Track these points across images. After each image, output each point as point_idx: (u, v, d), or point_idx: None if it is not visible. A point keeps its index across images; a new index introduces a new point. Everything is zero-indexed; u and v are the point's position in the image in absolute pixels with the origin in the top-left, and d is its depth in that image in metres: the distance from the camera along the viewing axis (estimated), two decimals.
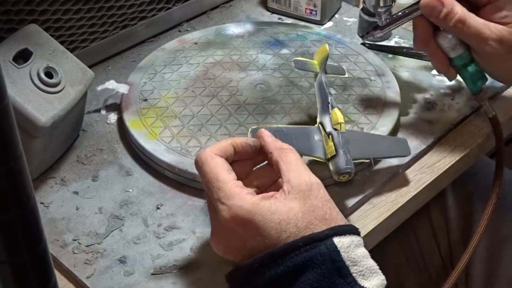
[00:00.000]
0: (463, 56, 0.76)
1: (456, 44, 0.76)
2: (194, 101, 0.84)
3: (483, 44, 0.73)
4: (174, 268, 0.67)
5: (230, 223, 0.59)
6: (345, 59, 0.91)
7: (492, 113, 0.79)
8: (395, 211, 0.74)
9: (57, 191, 0.76)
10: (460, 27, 0.73)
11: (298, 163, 0.62)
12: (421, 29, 0.77)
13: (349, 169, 0.67)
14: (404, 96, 0.85)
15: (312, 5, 1.01)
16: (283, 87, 0.87)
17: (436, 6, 0.73)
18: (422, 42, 0.77)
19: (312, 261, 0.56)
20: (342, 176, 0.68)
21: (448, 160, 0.80)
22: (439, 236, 0.92)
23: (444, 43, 0.76)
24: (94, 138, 0.83)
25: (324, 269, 0.56)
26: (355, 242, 0.58)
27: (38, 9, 0.83)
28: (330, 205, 0.60)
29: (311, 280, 0.56)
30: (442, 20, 0.74)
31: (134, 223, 0.72)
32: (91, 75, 0.79)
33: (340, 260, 0.56)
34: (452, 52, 0.76)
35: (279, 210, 0.58)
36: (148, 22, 0.98)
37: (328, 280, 0.56)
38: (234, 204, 0.58)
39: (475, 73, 0.77)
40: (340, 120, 0.70)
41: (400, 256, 0.94)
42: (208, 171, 0.61)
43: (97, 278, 0.66)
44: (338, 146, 0.68)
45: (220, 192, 0.59)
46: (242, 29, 0.98)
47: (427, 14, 0.75)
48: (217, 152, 0.62)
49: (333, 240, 0.57)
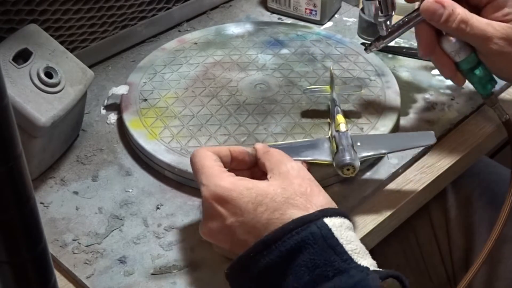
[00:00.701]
0: (469, 59, 0.74)
1: (460, 47, 0.74)
2: (194, 101, 0.84)
3: (489, 43, 0.72)
4: (174, 268, 0.67)
5: (208, 201, 0.61)
6: (345, 59, 0.91)
7: (505, 117, 0.77)
8: (395, 211, 0.74)
9: (57, 191, 0.76)
10: (463, 28, 0.72)
11: (280, 155, 0.65)
12: (424, 36, 0.75)
13: (350, 160, 0.68)
14: (404, 96, 0.85)
15: (312, 5, 1.01)
16: (283, 87, 0.87)
17: (437, 9, 0.72)
18: (427, 50, 0.75)
19: (304, 241, 0.56)
20: (346, 170, 0.68)
21: (448, 160, 0.80)
22: (440, 236, 0.92)
23: (449, 48, 0.74)
24: (94, 138, 0.83)
25: (316, 248, 0.56)
26: (346, 224, 0.59)
27: (38, 9, 0.83)
28: (311, 183, 0.62)
29: (305, 261, 0.56)
30: (444, 22, 0.72)
31: (134, 223, 0.72)
32: (91, 75, 0.79)
33: (332, 237, 0.57)
34: (458, 56, 0.74)
35: (256, 186, 0.61)
36: (148, 22, 0.98)
37: (322, 258, 0.56)
38: (212, 183, 0.61)
39: (483, 76, 0.75)
40: (340, 121, 0.73)
41: (400, 257, 0.94)
42: (197, 161, 0.64)
43: (97, 278, 0.66)
44: (338, 144, 0.70)
45: (202, 175, 0.63)
46: (242, 29, 0.97)
47: (429, 18, 0.73)
48: (210, 149, 0.65)
49: (323, 220, 0.58)
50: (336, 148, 0.70)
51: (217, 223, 0.62)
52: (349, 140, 0.71)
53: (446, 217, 0.91)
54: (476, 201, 0.90)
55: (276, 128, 0.80)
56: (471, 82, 0.77)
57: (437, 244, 0.92)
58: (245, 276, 0.59)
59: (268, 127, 0.80)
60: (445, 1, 0.72)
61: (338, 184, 0.75)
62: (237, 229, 0.61)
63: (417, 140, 0.75)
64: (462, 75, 0.76)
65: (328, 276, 0.55)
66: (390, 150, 0.73)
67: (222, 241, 0.63)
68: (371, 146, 0.72)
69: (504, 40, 0.72)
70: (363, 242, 0.60)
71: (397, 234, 0.89)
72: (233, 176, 0.63)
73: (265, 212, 0.59)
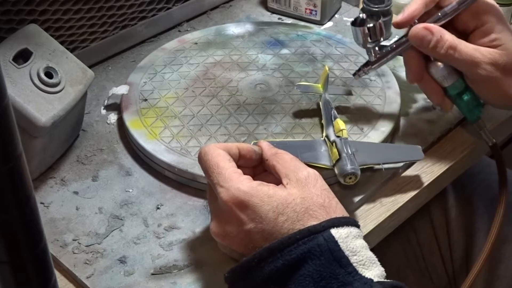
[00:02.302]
0: (456, 84, 0.75)
1: (449, 73, 0.74)
2: (194, 101, 0.84)
3: (477, 69, 0.72)
4: (174, 268, 0.67)
5: (228, 205, 0.61)
6: (345, 59, 0.91)
7: (492, 141, 0.77)
8: (395, 211, 0.74)
9: (57, 191, 0.76)
10: (451, 53, 0.72)
11: (293, 160, 0.65)
12: (412, 63, 0.76)
13: (354, 170, 0.68)
14: (404, 96, 0.85)
15: (312, 5, 1.01)
16: (283, 87, 0.87)
17: (425, 35, 0.72)
18: (415, 76, 0.76)
19: (310, 252, 0.57)
20: (349, 178, 0.69)
21: (448, 160, 0.80)
22: (440, 236, 0.92)
23: (436, 73, 0.75)
24: (94, 138, 0.83)
25: (323, 260, 0.56)
26: (353, 233, 0.59)
27: (38, 9, 0.83)
28: (329, 194, 0.62)
29: (311, 272, 0.56)
30: (433, 48, 0.72)
31: (134, 223, 0.72)
32: (91, 75, 0.79)
33: (338, 250, 0.57)
34: (446, 82, 0.75)
35: (277, 194, 0.60)
36: (148, 22, 0.98)
37: (328, 270, 0.56)
38: (232, 186, 0.61)
39: (470, 101, 0.76)
40: (342, 127, 0.73)
41: (400, 257, 0.94)
42: (210, 159, 0.63)
43: (97, 278, 0.66)
44: (341, 151, 0.70)
45: (220, 176, 0.62)
46: (242, 29, 0.97)
47: (417, 45, 0.74)
48: (220, 146, 0.65)
49: (330, 231, 0.58)
50: (338, 155, 0.70)
51: (235, 227, 0.61)
52: (352, 148, 0.71)
53: (446, 217, 0.91)
54: (477, 201, 0.90)
55: (276, 128, 0.80)
56: (459, 107, 0.77)
57: (438, 244, 0.92)
58: (247, 283, 0.59)
59: (268, 127, 0.80)
60: (433, 27, 0.73)
61: (338, 184, 0.75)
62: (255, 235, 0.60)
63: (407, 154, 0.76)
64: (449, 101, 0.77)
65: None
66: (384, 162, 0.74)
67: (236, 244, 0.62)
68: (366, 154, 0.73)
69: (491, 66, 0.72)
70: None
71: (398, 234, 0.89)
72: (251, 180, 0.62)
73: (286, 222, 0.59)
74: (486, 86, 0.74)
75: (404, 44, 0.76)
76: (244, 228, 0.60)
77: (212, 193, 0.64)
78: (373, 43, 0.76)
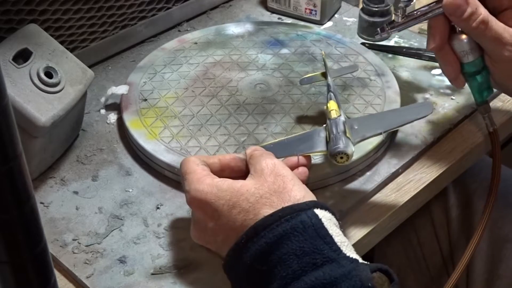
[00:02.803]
0: (476, 62, 0.73)
1: (471, 48, 0.72)
2: (194, 101, 0.84)
3: (502, 49, 0.70)
4: (174, 268, 0.67)
5: (191, 207, 0.63)
6: (345, 59, 0.91)
7: (493, 127, 0.77)
8: (395, 211, 0.74)
9: (57, 191, 0.76)
10: (482, 28, 0.70)
11: (261, 153, 0.65)
12: (438, 29, 0.72)
13: (339, 149, 0.67)
14: (404, 96, 0.85)
15: (312, 5, 1.01)
16: (283, 87, 0.87)
17: (461, 4, 0.69)
18: (438, 44, 0.73)
19: (293, 229, 0.56)
20: (340, 158, 0.67)
21: (448, 160, 0.80)
22: (441, 236, 0.92)
23: (460, 47, 0.73)
24: (94, 138, 0.83)
25: (306, 236, 0.56)
26: (333, 221, 0.58)
27: (38, 9, 0.83)
28: (284, 178, 0.61)
29: (294, 249, 0.55)
30: (466, 20, 0.70)
31: (134, 223, 0.72)
32: (91, 75, 0.79)
33: (322, 227, 0.56)
34: (466, 57, 0.73)
35: (231, 187, 0.61)
36: (148, 22, 0.98)
37: (311, 246, 0.55)
38: (192, 188, 0.62)
39: (483, 83, 0.75)
40: (331, 107, 0.72)
41: (401, 256, 0.94)
42: (181, 169, 0.65)
43: (97, 278, 0.66)
44: (330, 132, 0.69)
45: (186, 181, 0.63)
46: (242, 29, 0.97)
47: (450, 13, 0.70)
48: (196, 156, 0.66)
49: (314, 210, 0.57)
50: (328, 137, 0.69)
51: (200, 228, 0.63)
52: (341, 127, 0.69)
53: (447, 217, 0.91)
54: (477, 201, 0.90)
55: (276, 128, 0.80)
56: (470, 87, 0.76)
57: (438, 244, 0.92)
58: (239, 266, 0.59)
59: (268, 127, 0.80)
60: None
61: (338, 184, 0.75)
62: (217, 232, 0.61)
63: (414, 112, 0.73)
64: (463, 78, 0.75)
65: (316, 264, 0.54)
66: (387, 129, 0.72)
67: (208, 243, 0.63)
68: (368, 127, 0.71)
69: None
70: (363, 241, 0.60)
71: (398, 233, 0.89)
72: (213, 178, 0.62)
73: (240, 214, 0.59)
74: (506, 67, 0.72)
75: (435, 10, 0.72)
76: (208, 227, 0.62)
77: None
78: (405, 2, 0.74)
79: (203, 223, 0.62)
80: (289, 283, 0.55)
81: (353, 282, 0.53)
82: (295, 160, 0.68)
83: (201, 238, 0.64)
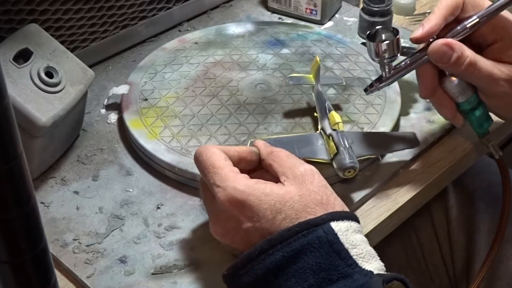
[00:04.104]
0: (471, 100, 0.73)
1: (463, 88, 0.72)
2: (194, 101, 0.84)
3: (495, 85, 0.71)
4: (174, 268, 0.67)
5: (225, 205, 0.61)
6: (345, 59, 0.91)
7: (498, 154, 0.77)
8: (395, 211, 0.74)
9: (58, 190, 0.76)
10: (471, 70, 0.70)
11: (290, 157, 0.65)
12: (427, 77, 0.73)
13: (352, 163, 0.68)
14: (404, 96, 0.85)
15: (312, 4, 1.01)
16: (283, 87, 0.87)
17: (446, 51, 0.70)
18: (429, 91, 0.74)
19: (310, 245, 0.57)
20: (348, 172, 0.69)
21: (448, 160, 0.80)
22: (441, 236, 0.92)
23: (452, 89, 0.73)
24: (95, 137, 0.83)
25: (322, 252, 0.56)
26: (353, 228, 0.59)
27: (39, 8, 0.83)
28: (326, 190, 0.62)
29: (310, 264, 0.56)
30: (453, 65, 0.70)
31: (134, 223, 0.72)
32: (92, 75, 0.79)
33: (338, 243, 0.57)
34: (460, 97, 0.73)
35: (274, 192, 0.60)
36: (149, 22, 0.98)
37: (328, 262, 0.56)
38: (229, 186, 0.61)
39: (481, 116, 0.75)
40: (337, 120, 0.73)
41: (401, 257, 0.94)
42: (205, 159, 0.63)
43: (98, 277, 0.66)
44: (338, 145, 0.70)
45: (216, 176, 0.62)
46: (243, 29, 0.97)
47: (436, 60, 0.71)
48: (217, 147, 0.65)
49: (330, 224, 0.58)
50: (336, 149, 0.70)
51: (233, 226, 0.62)
52: (348, 141, 0.71)
53: (447, 217, 0.91)
54: (478, 201, 0.90)
55: (276, 127, 0.80)
56: (469, 122, 0.75)
57: (438, 244, 0.92)
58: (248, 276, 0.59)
59: (269, 127, 0.80)
60: (454, 43, 0.70)
61: (338, 184, 0.75)
62: (253, 233, 0.61)
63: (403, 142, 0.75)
64: (461, 116, 0.75)
65: (332, 280, 0.56)
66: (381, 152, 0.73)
67: (237, 242, 0.63)
68: (362, 145, 0.72)
69: (508, 82, 0.71)
70: None
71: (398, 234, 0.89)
72: (248, 178, 0.62)
73: (284, 220, 0.59)
74: (501, 101, 0.73)
75: (420, 59, 0.73)
76: (242, 227, 0.61)
77: (208, 192, 0.64)
78: (390, 58, 0.73)
79: (235, 223, 0.61)
80: None
81: None
82: None
83: (227, 235, 0.63)
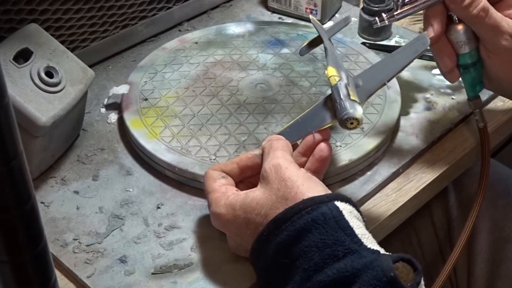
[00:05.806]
0: (472, 53, 0.73)
1: (468, 39, 0.72)
2: (195, 101, 0.84)
3: (499, 38, 0.70)
4: (174, 268, 0.67)
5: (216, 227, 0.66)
6: (345, 58, 0.91)
7: (483, 123, 0.77)
8: (395, 210, 0.74)
9: (58, 190, 0.76)
10: (482, 16, 0.69)
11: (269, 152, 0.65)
12: (436, 18, 0.71)
13: (349, 114, 0.66)
14: (404, 95, 0.85)
15: (312, 4, 1.01)
16: (283, 86, 0.87)
17: None
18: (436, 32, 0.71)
19: (315, 221, 0.56)
20: (350, 124, 0.66)
21: (448, 159, 0.80)
22: (441, 236, 0.91)
23: (457, 37, 0.72)
24: (95, 137, 0.83)
25: (327, 228, 0.56)
26: (354, 213, 0.58)
27: (39, 8, 0.83)
28: (287, 182, 0.61)
29: (315, 241, 0.56)
30: (466, 7, 0.69)
31: (134, 223, 0.72)
32: (92, 75, 0.79)
33: (343, 219, 0.56)
34: (463, 48, 0.72)
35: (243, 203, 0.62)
36: (149, 22, 0.98)
37: (333, 237, 0.55)
38: (211, 211, 0.66)
39: (476, 77, 0.74)
40: (330, 74, 0.70)
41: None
42: (204, 183, 0.68)
43: (98, 277, 0.66)
44: (335, 100, 0.68)
45: (208, 201, 0.66)
46: (243, 29, 0.97)
47: (450, 0, 0.70)
48: (216, 167, 0.68)
49: (334, 202, 0.57)
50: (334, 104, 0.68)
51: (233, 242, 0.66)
52: (343, 91, 0.68)
53: (447, 217, 0.91)
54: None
55: (276, 127, 0.80)
56: (464, 80, 0.75)
57: (438, 244, 0.92)
58: (262, 259, 0.60)
59: (269, 127, 0.80)
60: None
61: (338, 184, 0.75)
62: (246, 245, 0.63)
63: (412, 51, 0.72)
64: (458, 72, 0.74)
65: (338, 256, 0.54)
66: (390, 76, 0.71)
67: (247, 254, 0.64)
68: (372, 80, 0.71)
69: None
70: None
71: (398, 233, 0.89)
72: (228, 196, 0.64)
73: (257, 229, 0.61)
74: (501, 59, 0.72)
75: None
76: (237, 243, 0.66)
77: None
78: None
79: (233, 239, 0.66)
80: (311, 275, 0.55)
81: (375, 273, 0.52)
82: (311, 139, 0.68)
83: (238, 250, 0.67)
